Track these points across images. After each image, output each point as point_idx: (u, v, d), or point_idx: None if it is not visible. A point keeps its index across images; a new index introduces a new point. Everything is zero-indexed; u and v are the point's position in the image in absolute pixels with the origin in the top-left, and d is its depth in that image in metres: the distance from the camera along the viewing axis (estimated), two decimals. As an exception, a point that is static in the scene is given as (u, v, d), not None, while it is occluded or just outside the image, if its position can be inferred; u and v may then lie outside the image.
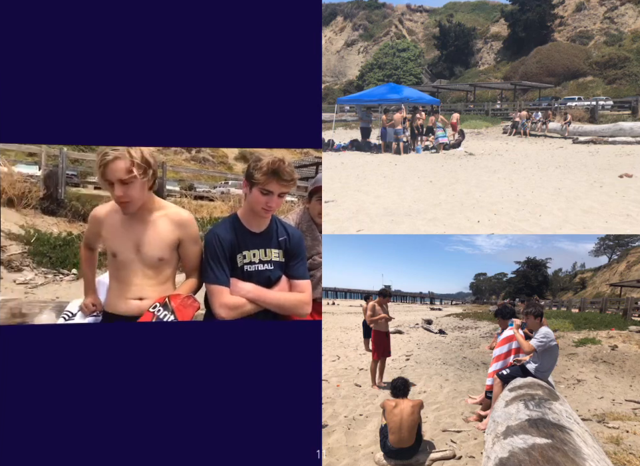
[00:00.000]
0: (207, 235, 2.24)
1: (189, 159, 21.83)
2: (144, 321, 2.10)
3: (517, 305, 13.79)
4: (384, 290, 5.47)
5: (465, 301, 35.76)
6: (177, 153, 21.79)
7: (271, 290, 2.25)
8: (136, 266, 2.17)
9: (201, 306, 2.26)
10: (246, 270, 2.23)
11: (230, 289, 2.19)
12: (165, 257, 2.20)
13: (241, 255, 2.23)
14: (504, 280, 31.88)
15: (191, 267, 2.28)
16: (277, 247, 2.30)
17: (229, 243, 2.21)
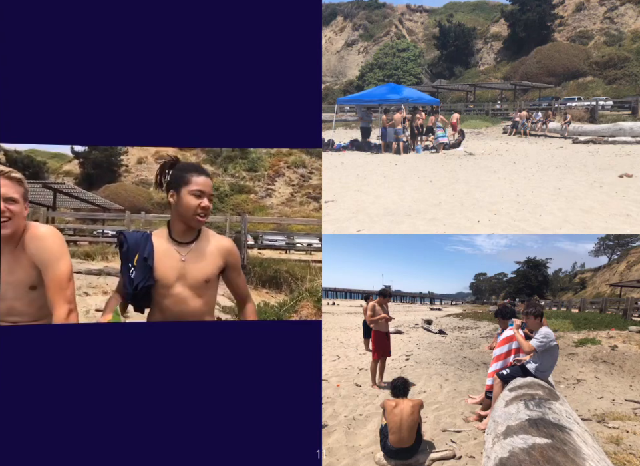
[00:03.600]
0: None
1: (317, 208, 21.03)
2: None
3: (517, 305, 13.82)
4: (384, 290, 5.47)
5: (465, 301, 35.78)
6: (304, 204, 21.16)
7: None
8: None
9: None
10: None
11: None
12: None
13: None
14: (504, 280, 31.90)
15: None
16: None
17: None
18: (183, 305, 2.20)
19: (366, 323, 6.47)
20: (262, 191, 21.30)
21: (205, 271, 2.22)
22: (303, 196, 22.10)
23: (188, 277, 2.19)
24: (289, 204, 21.23)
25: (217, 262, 2.26)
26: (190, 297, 2.20)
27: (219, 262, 2.27)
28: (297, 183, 22.58)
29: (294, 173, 23.41)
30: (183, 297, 2.19)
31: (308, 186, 22.35)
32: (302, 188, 22.33)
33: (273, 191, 21.07)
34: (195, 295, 2.21)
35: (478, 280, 37.10)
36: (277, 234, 13.20)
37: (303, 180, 22.90)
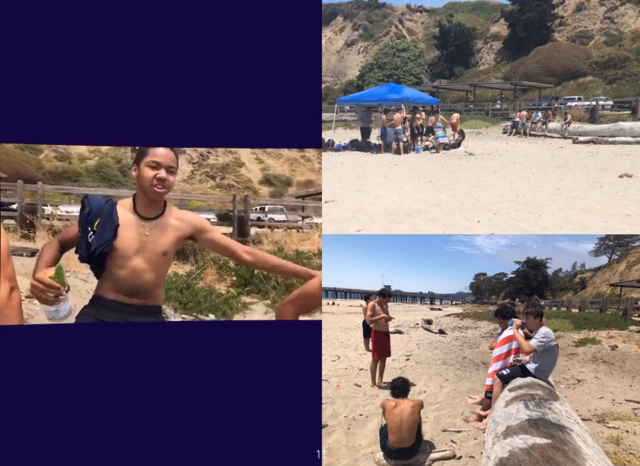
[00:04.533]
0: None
1: (214, 186, 21.94)
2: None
3: (517, 305, 13.82)
4: (384, 290, 5.47)
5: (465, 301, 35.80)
6: (203, 182, 21.97)
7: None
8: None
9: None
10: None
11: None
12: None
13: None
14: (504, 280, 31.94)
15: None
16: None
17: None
18: (138, 277, 2.20)
19: (366, 323, 6.47)
20: (164, 167, 22.15)
21: (164, 244, 2.25)
22: (202, 174, 22.67)
23: (147, 250, 2.21)
24: (190, 181, 21.67)
25: (177, 233, 2.29)
26: (146, 270, 2.21)
27: (180, 232, 2.29)
28: (197, 161, 23.12)
29: (194, 151, 23.99)
30: (139, 270, 2.20)
31: (206, 165, 22.94)
32: (201, 167, 22.95)
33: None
34: (152, 268, 2.22)
35: (477, 280, 37.14)
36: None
37: (202, 159, 23.43)
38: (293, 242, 8.36)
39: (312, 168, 26.31)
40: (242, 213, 9.80)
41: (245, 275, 6.78)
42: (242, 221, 9.65)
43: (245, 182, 23.07)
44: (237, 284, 6.78)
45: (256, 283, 6.73)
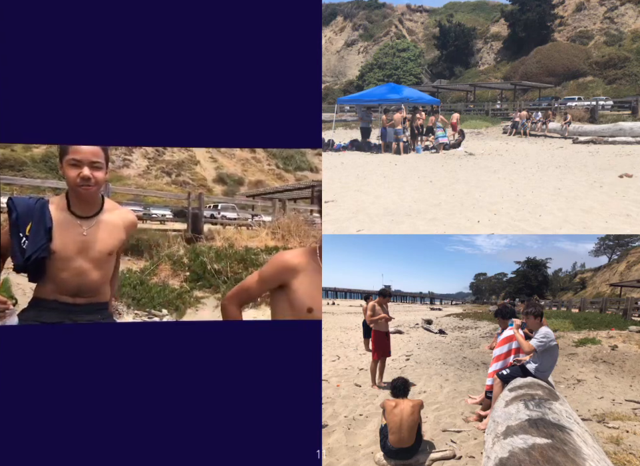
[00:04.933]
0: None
1: (170, 183, 22.07)
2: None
3: (517, 305, 13.81)
4: (384, 290, 5.46)
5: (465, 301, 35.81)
6: (158, 178, 22.04)
7: None
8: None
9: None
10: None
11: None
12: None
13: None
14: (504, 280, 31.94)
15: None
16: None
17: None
18: (83, 277, 2.13)
19: (366, 323, 6.47)
20: (119, 160, 21.69)
21: (109, 243, 2.18)
22: (157, 170, 22.67)
23: (91, 251, 2.13)
24: (145, 176, 21.77)
25: (121, 235, 2.23)
26: (91, 269, 2.14)
27: (123, 235, 2.24)
28: (153, 157, 23.15)
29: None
30: (83, 270, 2.13)
31: (162, 161, 22.93)
32: (157, 162, 22.92)
33: (130, 162, 21.55)
34: (96, 267, 2.15)
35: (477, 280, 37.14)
36: (134, 205, 13.91)
37: (158, 155, 23.48)
38: (243, 239, 8.59)
39: (262, 169, 26.74)
40: (196, 210, 9.93)
41: (198, 270, 6.93)
42: (196, 218, 9.78)
43: (199, 179, 23.17)
44: (190, 279, 6.90)
45: (208, 278, 6.88)
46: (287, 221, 9.15)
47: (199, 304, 6.50)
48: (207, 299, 6.61)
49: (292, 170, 27.14)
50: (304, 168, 27.56)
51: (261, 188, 21.28)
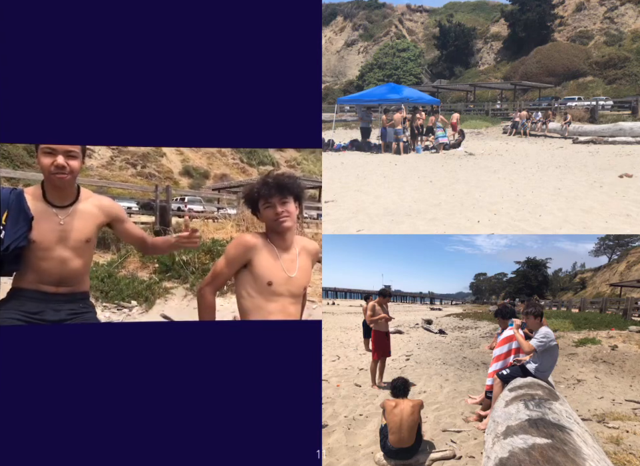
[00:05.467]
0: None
1: (135, 174, 21.93)
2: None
3: (517, 305, 13.82)
4: (384, 290, 5.46)
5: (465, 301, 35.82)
6: (123, 169, 21.87)
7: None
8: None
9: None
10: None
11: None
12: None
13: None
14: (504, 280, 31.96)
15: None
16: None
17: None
18: (64, 266, 2.16)
19: (366, 323, 6.47)
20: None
21: (86, 231, 2.21)
22: (122, 161, 22.39)
23: (69, 239, 2.16)
24: (109, 167, 21.48)
25: (98, 220, 2.26)
26: (71, 258, 2.17)
27: (100, 220, 2.27)
28: (117, 147, 23.00)
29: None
30: (64, 259, 2.16)
31: (127, 152, 22.66)
32: (121, 153, 22.65)
33: (93, 152, 21.33)
34: (76, 255, 2.19)
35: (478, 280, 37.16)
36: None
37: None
38: (210, 231, 8.76)
39: (227, 163, 26.87)
40: (164, 203, 9.93)
41: (166, 262, 7.04)
42: (164, 210, 9.79)
43: (166, 172, 22.86)
44: (159, 271, 7.02)
45: (177, 269, 7.01)
46: (250, 214, 9.34)
47: (168, 294, 6.64)
48: (175, 290, 6.75)
49: (255, 165, 27.34)
50: (266, 162, 27.89)
51: (226, 182, 21.40)
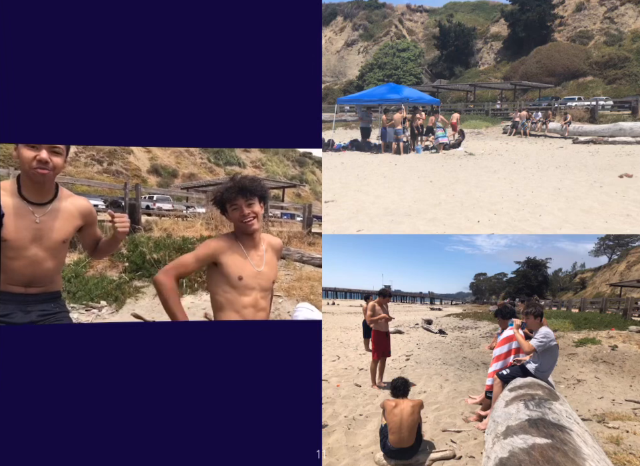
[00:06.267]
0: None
1: (101, 171, 21.81)
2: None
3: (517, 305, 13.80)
4: (384, 290, 5.46)
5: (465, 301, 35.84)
6: (88, 165, 21.73)
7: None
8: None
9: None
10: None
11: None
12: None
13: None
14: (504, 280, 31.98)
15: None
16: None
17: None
18: (37, 267, 2.08)
19: (366, 323, 6.48)
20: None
21: (63, 231, 2.14)
22: (87, 157, 22.31)
23: (45, 239, 2.08)
24: (73, 163, 21.35)
25: (76, 222, 2.20)
26: (45, 259, 2.09)
27: (78, 222, 2.21)
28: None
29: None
30: (37, 260, 2.07)
31: (92, 148, 22.51)
32: (87, 149, 22.54)
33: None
34: (51, 256, 2.11)
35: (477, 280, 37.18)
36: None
37: None
38: (180, 229, 8.81)
39: (195, 162, 27.04)
40: (133, 201, 9.88)
41: (137, 260, 7.01)
42: (134, 209, 9.72)
43: (133, 169, 22.71)
44: (129, 270, 6.96)
45: (147, 267, 6.97)
46: (218, 212, 9.53)
47: (138, 293, 6.58)
48: (147, 288, 6.68)
49: (222, 165, 27.55)
50: (233, 162, 28.16)
51: (194, 181, 21.51)
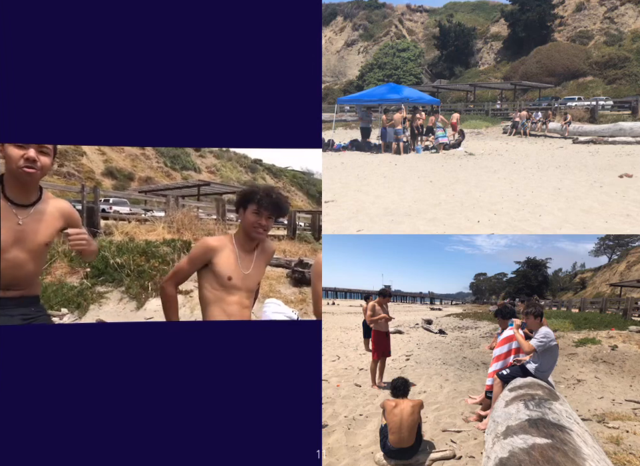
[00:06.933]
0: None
1: (51, 173, 21.62)
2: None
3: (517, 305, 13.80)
4: (384, 290, 5.46)
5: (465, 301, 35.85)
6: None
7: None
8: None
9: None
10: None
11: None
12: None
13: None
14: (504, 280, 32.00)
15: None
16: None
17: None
18: (18, 270, 2.04)
19: (366, 323, 6.48)
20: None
21: (47, 234, 2.12)
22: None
23: (27, 242, 2.05)
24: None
25: (58, 225, 2.17)
26: (27, 261, 2.06)
27: (59, 224, 2.18)
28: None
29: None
30: (19, 262, 2.04)
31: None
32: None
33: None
34: (32, 259, 2.08)
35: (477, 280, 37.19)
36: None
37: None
38: (142, 233, 8.75)
39: (151, 166, 26.79)
40: (92, 204, 9.64)
41: (99, 265, 6.87)
42: (92, 212, 9.48)
43: (86, 172, 22.06)
44: (92, 275, 6.81)
45: (110, 272, 6.84)
46: (180, 216, 9.51)
47: (102, 299, 6.46)
48: (110, 294, 6.56)
49: (178, 169, 27.54)
50: (189, 167, 28.19)
51: (152, 185, 21.42)
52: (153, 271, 6.90)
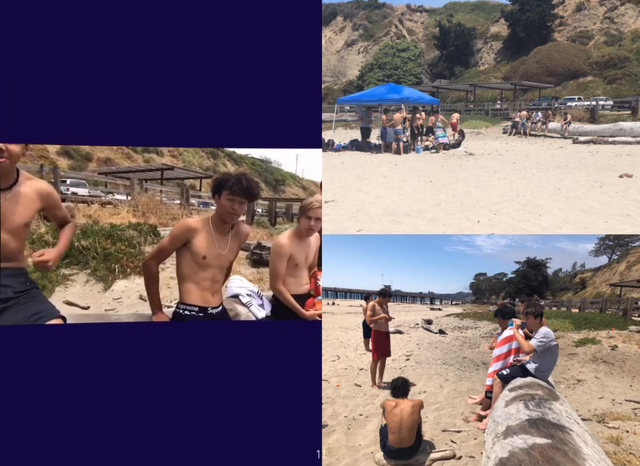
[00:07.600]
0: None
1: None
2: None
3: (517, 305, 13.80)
4: (384, 290, 5.46)
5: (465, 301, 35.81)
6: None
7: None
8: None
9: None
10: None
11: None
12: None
13: None
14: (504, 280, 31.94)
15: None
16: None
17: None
18: (1, 248, 2.13)
19: (366, 323, 6.47)
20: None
21: (26, 215, 2.19)
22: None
23: (7, 223, 2.13)
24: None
25: (35, 206, 2.25)
26: (9, 240, 2.15)
27: (37, 205, 2.26)
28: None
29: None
30: (2, 242, 2.13)
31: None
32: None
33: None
34: (13, 238, 2.17)
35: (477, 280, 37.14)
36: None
37: None
38: (105, 216, 8.74)
39: (110, 147, 25.73)
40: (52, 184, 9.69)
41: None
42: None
43: (39, 150, 20.93)
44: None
45: (75, 254, 6.86)
46: (146, 200, 9.49)
47: (68, 281, 6.48)
48: (76, 276, 6.59)
49: (140, 151, 26.88)
50: (151, 150, 27.60)
51: (113, 166, 20.76)
52: (120, 254, 6.94)
